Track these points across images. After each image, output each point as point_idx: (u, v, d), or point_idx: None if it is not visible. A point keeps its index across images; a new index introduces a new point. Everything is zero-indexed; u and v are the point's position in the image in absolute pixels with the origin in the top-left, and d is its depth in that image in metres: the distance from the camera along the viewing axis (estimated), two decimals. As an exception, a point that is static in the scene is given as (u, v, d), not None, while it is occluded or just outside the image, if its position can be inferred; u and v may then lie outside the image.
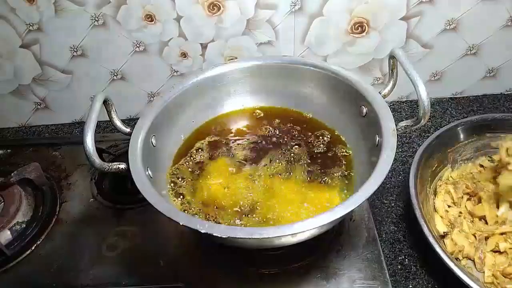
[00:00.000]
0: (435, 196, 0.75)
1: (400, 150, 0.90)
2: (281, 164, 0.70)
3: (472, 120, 0.79)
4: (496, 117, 0.80)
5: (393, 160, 0.55)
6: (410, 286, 0.67)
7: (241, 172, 0.70)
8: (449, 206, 0.74)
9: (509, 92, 1.01)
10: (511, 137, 0.75)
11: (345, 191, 0.65)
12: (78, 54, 0.89)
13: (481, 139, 0.80)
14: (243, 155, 0.73)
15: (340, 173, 0.68)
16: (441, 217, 0.72)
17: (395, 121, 0.60)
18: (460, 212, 0.73)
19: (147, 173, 0.61)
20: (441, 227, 0.70)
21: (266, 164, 0.71)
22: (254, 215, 0.63)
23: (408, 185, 0.69)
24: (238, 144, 0.75)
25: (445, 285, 0.66)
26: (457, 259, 0.67)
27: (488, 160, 0.80)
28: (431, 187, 0.76)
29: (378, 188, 0.53)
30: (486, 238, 0.68)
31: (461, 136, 0.79)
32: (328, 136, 0.75)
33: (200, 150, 0.74)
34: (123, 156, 0.62)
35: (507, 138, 0.75)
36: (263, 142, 0.75)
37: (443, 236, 0.70)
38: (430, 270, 0.68)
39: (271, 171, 0.69)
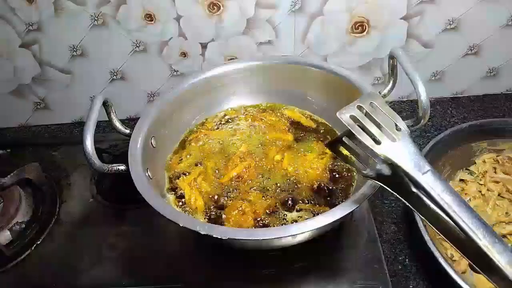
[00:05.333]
0: None
1: (400, 150, 0.89)
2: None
3: (477, 124, 0.78)
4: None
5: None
6: (411, 286, 0.67)
7: (241, 165, 0.70)
8: None
9: (510, 92, 1.00)
10: None
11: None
12: (78, 53, 0.89)
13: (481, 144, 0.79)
14: (242, 150, 0.73)
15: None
16: None
17: (395, 121, 0.60)
18: None
19: (147, 174, 0.61)
20: None
21: (266, 155, 0.72)
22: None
23: (408, 185, 0.69)
24: (237, 140, 0.75)
25: (445, 285, 0.65)
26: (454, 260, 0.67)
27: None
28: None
29: (378, 189, 0.54)
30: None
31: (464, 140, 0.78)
32: (328, 136, 0.75)
33: (200, 148, 0.74)
34: (123, 156, 0.61)
35: None
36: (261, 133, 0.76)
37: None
38: (431, 271, 0.68)
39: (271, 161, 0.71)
